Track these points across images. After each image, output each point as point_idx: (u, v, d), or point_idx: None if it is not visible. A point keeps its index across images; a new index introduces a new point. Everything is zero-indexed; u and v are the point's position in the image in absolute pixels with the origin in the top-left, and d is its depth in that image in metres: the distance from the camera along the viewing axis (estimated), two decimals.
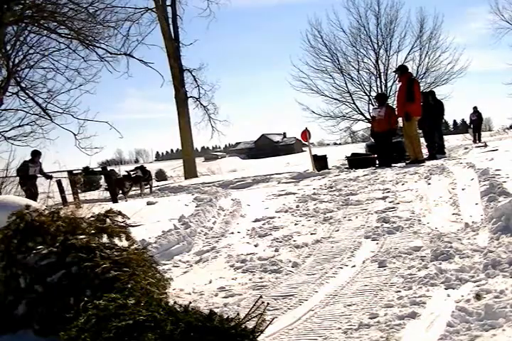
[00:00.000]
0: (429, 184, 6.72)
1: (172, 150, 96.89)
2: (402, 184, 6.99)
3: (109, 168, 13.79)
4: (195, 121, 21.86)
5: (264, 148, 64.01)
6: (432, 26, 23.91)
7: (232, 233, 5.50)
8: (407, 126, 10.27)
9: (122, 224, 3.44)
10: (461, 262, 3.51)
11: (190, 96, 21.55)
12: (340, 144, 35.63)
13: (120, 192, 12.58)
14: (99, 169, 13.77)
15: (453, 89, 29.17)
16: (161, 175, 29.51)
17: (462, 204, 5.23)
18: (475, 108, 20.66)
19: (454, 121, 74.64)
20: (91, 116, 16.42)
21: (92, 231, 3.21)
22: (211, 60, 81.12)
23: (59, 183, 9.87)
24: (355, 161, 11.93)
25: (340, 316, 2.92)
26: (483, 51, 50.47)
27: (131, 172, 13.62)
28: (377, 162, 11.16)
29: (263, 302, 2.39)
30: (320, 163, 12.70)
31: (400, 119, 11.02)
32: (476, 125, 20.55)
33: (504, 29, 25.54)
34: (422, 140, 11.72)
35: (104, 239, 3.22)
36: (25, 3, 14.05)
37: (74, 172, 11.39)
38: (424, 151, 11.31)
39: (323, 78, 24.31)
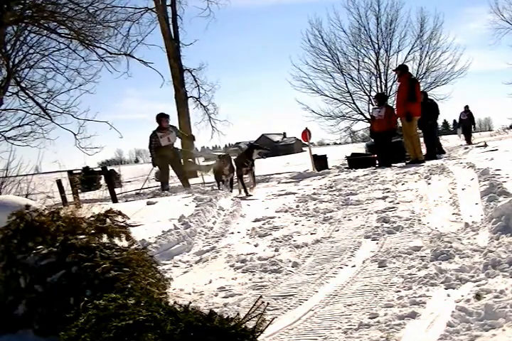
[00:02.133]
0: (429, 184, 6.73)
1: None
2: (402, 184, 6.99)
3: (109, 168, 13.77)
4: (195, 121, 21.92)
5: None
6: (432, 26, 23.92)
7: (232, 233, 5.49)
8: (408, 126, 10.25)
9: (122, 224, 3.43)
10: (461, 262, 3.51)
11: (190, 96, 21.61)
12: (340, 144, 35.59)
13: (220, 183, 9.34)
14: (99, 169, 13.73)
15: (453, 89, 29.28)
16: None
17: (462, 204, 5.24)
18: (466, 107, 19.92)
19: (454, 121, 74.44)
20: (91, 116, 16.32)
21: (92, 231, 3.21)
22: (211, 60, 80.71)
23: (59, 183, 9.86)
24: (355, 161, 11.94)
25: (340, 316, 2.92)
26: (483, 51, 50.38)
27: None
28: (377, 162, 11.16)
29: (263, 302, 2.38)
30: (320, 162, 12.71)
31: (399, 119, 11.03)
32: (466, 125, 19.74)
33: (504, 29, 25.63)
34: (422, 140, 11.73)
35: (104, 239, 3.22)
36: (25, 3, 14.04)
37: (74, 172, 11.40)
38: (424, 151, 11.32)
39: (323, 78, 24.34)
